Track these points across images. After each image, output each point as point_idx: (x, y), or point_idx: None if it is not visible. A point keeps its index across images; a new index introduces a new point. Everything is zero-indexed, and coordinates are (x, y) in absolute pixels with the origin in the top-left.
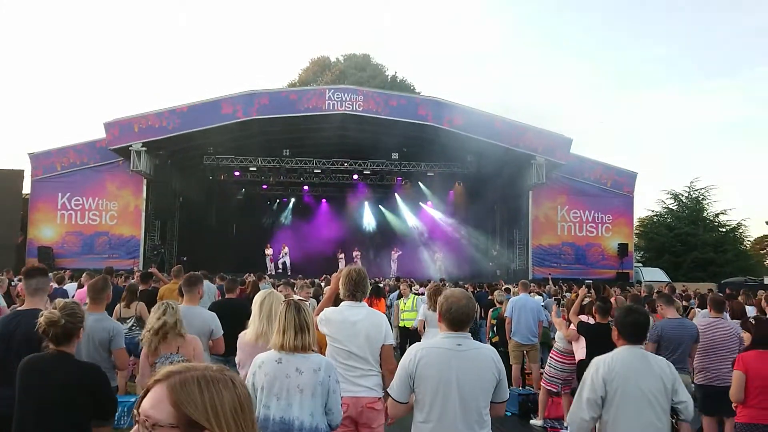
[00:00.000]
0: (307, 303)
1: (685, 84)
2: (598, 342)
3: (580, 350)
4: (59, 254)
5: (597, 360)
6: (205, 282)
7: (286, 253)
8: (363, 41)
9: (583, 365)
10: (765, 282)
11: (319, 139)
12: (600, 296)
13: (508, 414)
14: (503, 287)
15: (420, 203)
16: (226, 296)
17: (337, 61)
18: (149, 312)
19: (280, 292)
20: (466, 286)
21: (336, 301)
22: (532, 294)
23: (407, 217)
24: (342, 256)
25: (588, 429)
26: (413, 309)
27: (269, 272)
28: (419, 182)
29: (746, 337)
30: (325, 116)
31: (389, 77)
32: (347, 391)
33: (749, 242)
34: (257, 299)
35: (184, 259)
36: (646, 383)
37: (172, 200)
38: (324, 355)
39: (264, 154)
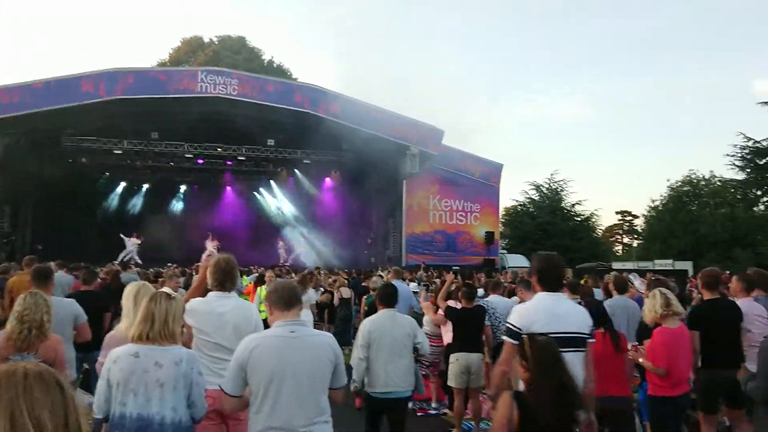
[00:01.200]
0: (176, 294)
1: (550, 83)
2: (464, 325)
3: (447, 333)
4: None
5: (366, 319)
6: (59, 273)
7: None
8: (238, 23)
9: (451, 348)
10: (614, 267)
11: (191, 123)
12: (466, 282)
13: None
14: (377, 274)
15: (297, 191)
16: (82, 288)
17: (211, 42)
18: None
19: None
20: (340, 273)
21: (205, 292)
22: (404, 281)
23: (284, 205)
24: (215, 244)
25: (362, 365)
26: None
27: (132, 261)
28: (296, 170)
29: None
30: (198, 99)
31: (266, 62)
32: (213, 383)
33: (601, 230)
34: (130, 292)
35: (39, 247)
36: (395, 332)
37: (25, 184)
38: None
39: (130, 137)
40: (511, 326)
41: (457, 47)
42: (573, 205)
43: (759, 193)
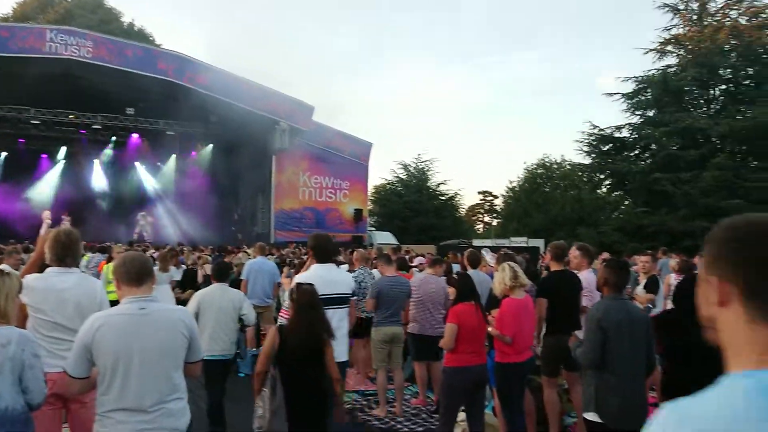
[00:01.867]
0: (11, 270)
1: (421, 66)
2: None
3: None
4: None
5: (197, 293)
6: None
7: None
8: None
9: None
10: (474, 244)
11: (39, 86)
12: None
13: (241, 375)
14: (243, 251)
15: (158, 163)
16: None
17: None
18: None
19: None
20: (204, 249)
21: (43, 268)
22: (269, 256)
23: (145, 178)
24: (67, 219)
25: None
26: None
27: None
28: (158, 141)
29: (451, 291)
30: (46, 60)
31: (125, 24)
32: (53, 366)
33: (464, 209)
34: None
35: None
36: (223, 303)
37: None
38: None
39: None
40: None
41: (330, 23)
42: (438, 185)
43: (602, 176)
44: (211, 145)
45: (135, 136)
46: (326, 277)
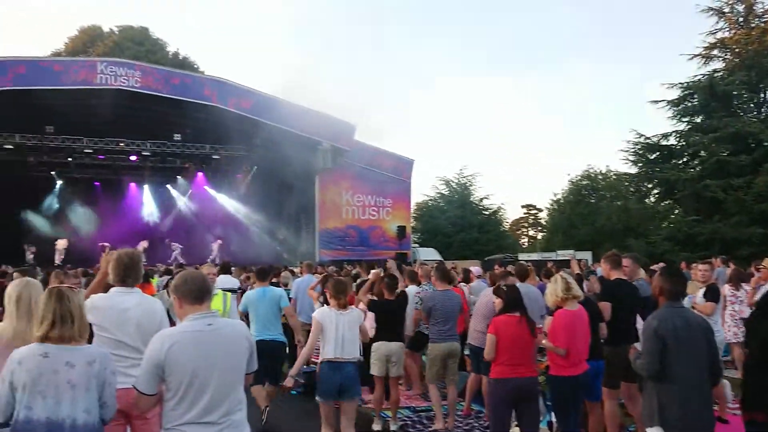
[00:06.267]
0: (77, 290)
1: (461, 81)
2: (385, 317)
3: (370, 328)
4: None
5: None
6: None
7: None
8: (140, 12)
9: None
10: (519, 258)
11: (90, 116)
12: (388, 274)
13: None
14: (288, 269)
15: (206, 187)
16: None
17: (111, 32)
18: None
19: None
20: (252, 268)
21: (107, 288)
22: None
23: (192, 202)
24: (144, 244)
25: None
26: None
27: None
28: (204, 165)
29: (497, 303)
30: (97, 91)
31: (170, 53)
32: (118, 383)
33: (507, 223)
34: (12, 292)
35: None
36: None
37: None
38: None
39: (22, 130)
40: None
41: (368, 41)
42: (481, 200)
43: (650, 185)
44: (255, 167)
45: (182, 161)
46: None
